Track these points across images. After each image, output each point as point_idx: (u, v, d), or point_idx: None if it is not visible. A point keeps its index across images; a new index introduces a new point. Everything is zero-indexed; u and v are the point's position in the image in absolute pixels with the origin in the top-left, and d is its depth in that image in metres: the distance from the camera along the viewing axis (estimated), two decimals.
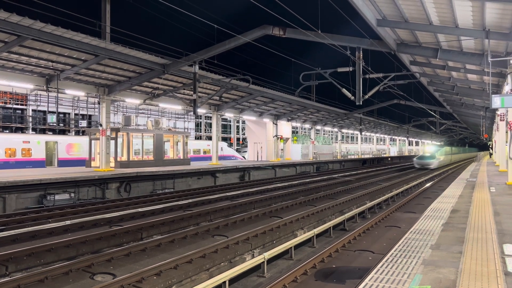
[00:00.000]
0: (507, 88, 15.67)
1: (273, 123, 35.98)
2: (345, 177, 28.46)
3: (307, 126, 43.49)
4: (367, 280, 4.75)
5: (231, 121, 57.43)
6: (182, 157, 28.09)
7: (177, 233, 10.27)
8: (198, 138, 49.54)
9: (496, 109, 20.83)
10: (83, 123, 33.67)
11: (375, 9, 12.45)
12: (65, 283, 7.04)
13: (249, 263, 7.60)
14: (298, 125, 42.31)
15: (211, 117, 32.23)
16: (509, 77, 14.92)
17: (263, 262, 8.01)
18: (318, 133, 65.11)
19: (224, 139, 53.85)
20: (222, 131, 55.77)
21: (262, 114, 33.98)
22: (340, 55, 16.58)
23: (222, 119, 52.78)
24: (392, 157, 66.27)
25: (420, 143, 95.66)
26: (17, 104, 33.10)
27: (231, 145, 50.62)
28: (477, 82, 20.95)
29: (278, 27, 15.86)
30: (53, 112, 32.36)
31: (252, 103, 30.00)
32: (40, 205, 15.55)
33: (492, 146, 49.92)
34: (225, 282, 6.78)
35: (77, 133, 34.79)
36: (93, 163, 23.35)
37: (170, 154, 28.46)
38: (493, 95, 12.64)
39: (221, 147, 39.58)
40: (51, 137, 28.22)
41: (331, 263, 8.80)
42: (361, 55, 16.04)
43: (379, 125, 56.79)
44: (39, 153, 25.99)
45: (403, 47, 15.64)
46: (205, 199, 16.51)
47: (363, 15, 11.91)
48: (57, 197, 16.11)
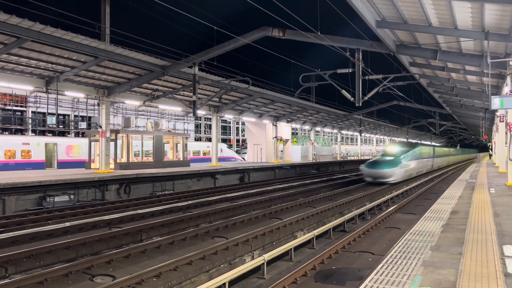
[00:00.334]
0: (506, 89, 15.69)
1: (273, 124, 35.98)
2: (345, 178, 28.46)
3: (307, 127, 43.48)
4: (367, 281, 4.74)
5: (230, 123, 57.44)
6: (181, 159, 28.08)
7: (176, 234, 10.26)
8: (197, 139, 49.52)
9: (495, 110, 20.86)
10: (83, 125, 33.68)
11: (374, 11, 12.47)
12: (64, 285, 7.03)
13: (249, 264, 7.59)
14: (297, 126, 42.31)
15: (210, 119, 32.23)
16: (509, 78, 14.94)
17: (263, 263, 8.00)
18: (317, 135, 65.12)
19: (223, 141, 53.83)
20: (221, 133, 55.75)
21: (261, 115, 33.97)
22: (339, 56, 16.58)
23: (221, 120, 52.76)
24: None
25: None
26: (17, 105, 33.08)
27: (230, 146, 50.62)
28: (477, 83, 20.97)
29: (277, 29, 15.88)
30: (52, 113, 32.38)
31: (251, 104, 30.00)
32: (39, 207, 15.54)
33: (491, 147, 49.89)
34: (225, 283, 6.77)
35: (77, 134, 34.75)
36: (92, 165, 23.34)
37: (169, 155, 28.45)
38: (493, 96, 12.65)
39: (221, 149, 39.55)
40: (50, 139, 28.20)
41: (331, 264, 8.79)
42: (361, 57, 16.06)
43: (379, 127, 56.79)
44: (39, 155, 25.97)
45: (403, 48, 15.66)
46: (204, 201, 16.50)
47: (363, 17, 11.93)
48: (57, 199, 16.10)
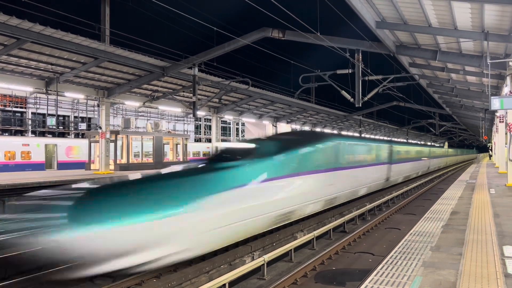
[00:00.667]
0: (506, 89, 15.69)
1: (273, 125, 36.00)
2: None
3: (307, 128, 43.50)
4: (367, 282, 4.73)
5: (230, 123, 57.43)
6: (181, 160, 28.09)
7: None
8: (197, 140, 49.52)
9: (495, 111, 20.86)
10: (83, 126, 33.70)
11: (374, 11, 12.47)
12: (64, 286, 7.01)
13: (249, 265, 7.58)
14: (297, 127, 42.34)
15: (210, 120, 32.22)
16: (508, 78, 14.94)
17: (263, 264, 7.98)
18: None
19: (223, 142, 53.80)
20: (221, 134, 55.72)
21: (261, 116, 33.98)
22: (339, 57, 16.59)
23: (221, 121, 52.72)
24: None
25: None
26: (17, 107, 33.11)
27: None
28: (476, 84, 20.97)
29: (277, 30, 15.89)
30: (52, 115, 32.39)
31: (251, 105, 30.00)
32: None
33: (491, 148, 49.91)
34: (225, 284, 6.76)
35: (77, 135, 34.77)
36: (92, 166, 23.34)
37: (169, 156, 28.46)
38: (492, 97, 12.65)
39: None
40: (50, 140, 28.20)
41: (331, 265, 8.78)
42: (361, 57, 16.07)
43: (379, 127, 56.79)
44: (39, 156, 25.96)
45: (402, 49, 15.67)
46: None
47: (362, 17, 11.93)
48: None
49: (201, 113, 34.73)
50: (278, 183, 8.91)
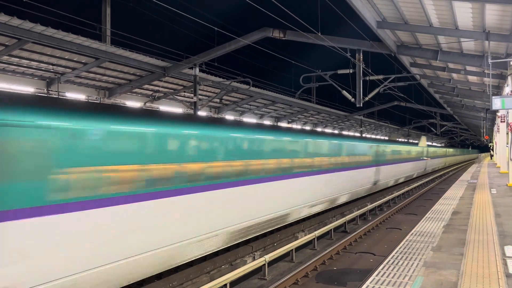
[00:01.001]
0: (507, 89, 15.67)
1: (274, 125, 36.04)
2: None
3: (308, 128, 43.48)
4: (368, 282, 4.73)
5: None
6: None
7: None
8: None
9: (496, 111, 20.84)
10: None
11: (374, 11, 12.46)
12: None
13: (250, 265, 7.58)
14: (298, 127, 42.29)
15: None
16: (510, 78, 14.93)
17: (264, 264, 7.99)
18: None
19: None
20: None
21: (262, 116, 33.99)
22: (340, 57, 16.56)
23: None
24: None
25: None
26: None
27: None
28: (478, 83, 20.95)
29: (278, 30, 15.89)
30: None
31: (252, 105, 30.01)
32: None
33: (493, 147, 49.84)
34: (226, 284, 6.77)
35: None
36: None
37: None
38: (494, 97, 12.65)
39: None
40: None
41: (332, 265, 8.78)
42: (361, 57, 16.05)
43: (380, 127, 56.75)
44: None
45: (403, 49, 15.65)
46: None
47: (363, 17, 11.92)
48: None
49: (202, 114, 34.77)
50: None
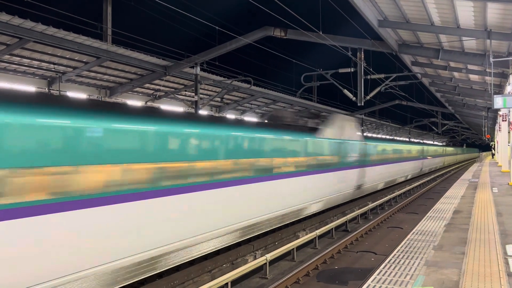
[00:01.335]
0: (509, 88, 15.65)
1: None
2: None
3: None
4: (369, 281, 4.73)
5: None
6: None
7: None
8: None
9: (498, 110, 20.81)
10: None
11: (376, 10, 12.44)
12: None
13: (251, 264, 7.59)
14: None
15: None
16: (511, 77, 14.90)
17: (266, 263, 7.99)
18: None
19: None
20: None
21: (263, 115, 33.99)
22: (341, 56, 16.54)
23: None
24: None
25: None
26: None
27: None
28: (479, 82, 20.91)
29: (279, 28, 15.87)
30: None
31: (253, 104, 30.00)
32: None
33: (494, 146, 49.77)
34: (227, 283, 6.77)
35: None
36: None
37: None
38: (495, 96, 12.63)
39: None
40: None
41: (333, 264, 8.78)
42: (363, 56, 16.04)
43: (381, 126, 56.69)
44: None
45: (405, 47, 15.62)
46: None
47: (364, 16, 11.91)
48: None
49: (203, 113, 34.79)
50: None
